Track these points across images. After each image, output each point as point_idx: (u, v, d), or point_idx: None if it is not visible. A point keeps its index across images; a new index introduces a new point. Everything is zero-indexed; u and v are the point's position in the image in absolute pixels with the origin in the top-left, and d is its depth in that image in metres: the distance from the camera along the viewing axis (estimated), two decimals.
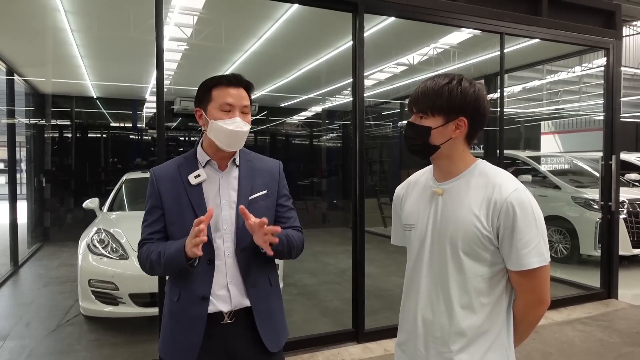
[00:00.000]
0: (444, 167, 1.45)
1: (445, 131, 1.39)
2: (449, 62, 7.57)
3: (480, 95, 1.40)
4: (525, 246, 1.32)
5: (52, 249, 8.06)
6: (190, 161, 1.72)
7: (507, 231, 1.33)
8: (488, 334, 1.40)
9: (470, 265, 1.38)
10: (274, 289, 1.78)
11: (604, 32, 5.10)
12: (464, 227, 1.37)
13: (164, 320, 1.74)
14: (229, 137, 1.63)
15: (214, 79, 1.68)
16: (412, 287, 1.53)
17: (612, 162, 5.08)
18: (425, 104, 1.39)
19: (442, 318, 1.43)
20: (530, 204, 1.34)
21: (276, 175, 1.81)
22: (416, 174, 1.62)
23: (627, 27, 16.09)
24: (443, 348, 1.42)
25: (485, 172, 1.42)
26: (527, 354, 3.79)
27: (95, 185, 11.39)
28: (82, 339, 4.10)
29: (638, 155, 9.46)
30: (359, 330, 3.95)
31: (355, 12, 3.93)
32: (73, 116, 10.73)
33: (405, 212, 1.57)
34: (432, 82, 1.41)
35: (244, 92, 1.69)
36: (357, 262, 3.97)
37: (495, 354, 1.40)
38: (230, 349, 1.67)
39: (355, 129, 3.98)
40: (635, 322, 4.49)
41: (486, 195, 1.36)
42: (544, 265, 1.34)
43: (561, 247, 6.76)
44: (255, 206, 1.69)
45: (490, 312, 1.40)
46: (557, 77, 11.08)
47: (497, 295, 1.40)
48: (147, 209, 1.71)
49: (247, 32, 5.74)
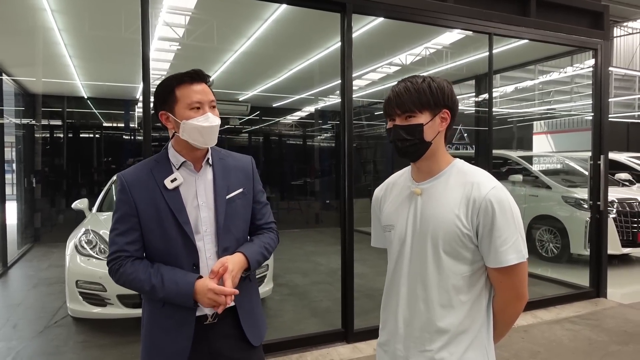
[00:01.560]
0: (425, 167, 1.47)
1: (434, 125, 1.42)
2: (440, 62, 7.59)
3: (452, 89, 1.46)
4: (504, 243, 1.34)
5: (43, 250, 8.00)
6: (162, 164, 1.65)
7: (486, 229, 1.35)
8: (468, 332, 1.41)
9: (451, 265, 1.39)
10: (253, 284, 1.80)
11: (592, 33, 5.13)
12: (444, 226, 1.38)
13: (146, 329, 1.70)
14: (203, 133, 1.59)
15: (175, 78, 1.61)
16: (393, 288, 1.53)
17: (601, 162, 5.11)
18: (412, 102, 1.40)
19: (422, 317, 1.44)
20: (508, 201, 1.37)
21: (249, 172, 1.79)
22: (394, 176, 1.63)
23: (617, 28, 16.20)
24: (423, 347, 1.43)
25: (463, 170, 1.44)
26: (515, 352, 3.81)
27: (87, 185, 11.33)
28: (70, 341, 4.08)
29: (628, 155, 9.53)
30: (348, 330, 3.95)
31: (343, 13, 3.93)
32: (65, 116, 10.67)
33: (384, 214, 1.58)
34: (407, 83, 1.43)
35: (207, 87, 1.64)
36: (346, 262, 3.97)
37: (475, 352, 1.41)
38: (214, 349, 1.66)
39: (344, 130, 3.98)
40: (624, 320, 4.52)
41: (465, 194, 1.38)
42: (522, 261, 1.36)
43: (552, 247, 6.80)
44: (233, 205, 1.68)
45: (469, 310, 1.41)
46: (548, 78, 11.14)
47: (477, 293, 1.42)
48: (118, 217, 1.61)
49: (237, 32, 5.73)
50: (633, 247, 6.65)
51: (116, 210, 1.62)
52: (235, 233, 1.69)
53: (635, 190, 7.39)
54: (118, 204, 1.63)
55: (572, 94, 12.93)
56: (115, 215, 1.63)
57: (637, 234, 6.58)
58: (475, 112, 8.56)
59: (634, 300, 5.16)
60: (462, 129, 8.53)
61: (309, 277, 6.32)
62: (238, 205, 1.70)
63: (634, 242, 6.60)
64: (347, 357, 3.70)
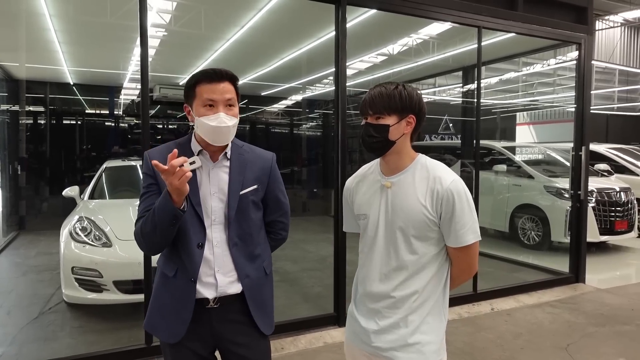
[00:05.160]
0: (392, 163, 1.68)
1: (400, 127, 1.62)
2: (428, 53, 7.69)
3: (421, 98, 1.66)
4: (463, 227, 1.58)
5: (29, 238, 7.94)
6: (184, 148, 1.73)
7: (448, 215, 1.59)
8: (430, 299, 1.65)
9: (421, 246, 1.63)
10: (269, 277, 1.86)
11: (576, 27, 5.29)
12: (413, 214, 1.60)
13: (155, 295, 1.77)
14: (212, 133, 1.65)
15: (196, 76, 1.69)
16: (370, 267, 1.72)
17: (582, 152, 5.30)
18: (382, 106, 1.60)
19: (389, 291, 1.66)
20: (465, 192, 1.61)
21: (268, 168, 1.84)
22: (363, 169, 1.83)
23: (599, 22, 16.51)
24: (392, 313, 1.65)
25: (426, 165, 1.66)
26: (499, 334, 3.99)
27: (72, 172, 11.21)
28: (66, 326, 4.13)
29: (607, 147, 9.82)
30: (340, 314, 4.08)
31: (338, 4, 3.99)
32: (47, 102, 10.51)
33: (356, 204, 1.78)
34: (381, 89, 1.63)
35: (229, 85, 1.68)
36: (339, 248, 4.08)
37: (434, 317, 1.66)
38: (217, 332, 1.73)
39: (337, 118, 4.06)
40: (600, 304, 4.75)
41: (429, 186, 1.61)
42: (477, 240, 1.62)
43: (533, 234, 7.03)
44: (245, 201, 1.75)
45: (431, 279, 1.65)
46: (532, 70, 11.35)
47: (439, 265, 1.66)
48: (145, 188, 1.73)
49: (229, 21, 5.73)
50: (610, 234, 6.93)
51: (143, 183, 1.74)
52: (245, 228, 1.76)
53: (613, 181, 7.66)
54: (144, 177, 1.75)
55: (555, 86, 13.20)
56: (142, 188, 1.74)
57: (615, 222, 6.85)
58: (461, 103, 8.71)
59: (611, 285, 5.41)
60: (447, 119, 8.69)
61: (299, 264, 6.43)
62: (251, 201, 1.77)
63: (611, 230, 6.87)
64: (340, 339, 3.82)
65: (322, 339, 3.85)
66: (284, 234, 1.95)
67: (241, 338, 1.75)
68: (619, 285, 5.40)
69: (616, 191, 7.01)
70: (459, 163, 7.23)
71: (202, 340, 1.73)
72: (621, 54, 17.61)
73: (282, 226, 1.93)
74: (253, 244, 1.79)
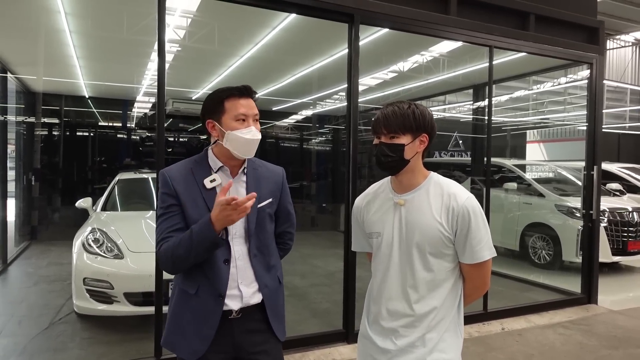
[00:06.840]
0: (406, 181, 1.69)
1: (414, 146, 1.64)
2: (438, 70, 7.74)
3: (432, 116, 1.69)
4: (479, 243, 1.61)
5: (41, 248, 8.02)
6: (202, 165, 1.78)
7: (464, 232, 1.60)
8: (447, 316, 1.66)
9: (436, 263, 1.64)
10: (282, 286, 1.93)
11: (587, 48, 5.31)
12: (429, 231, 1.62)
13: (173, 312, 1.79)
14: (245, 145, 1.72)
15: (225, 91, 1.75)
16: (383, 285, 1.72)
17: (594, 172, 5.27)
18: (397, 125, 1.62)
19: (407, 310, 1.65)
20: (479, 208, 1.63)
21: (280, 182, 1.93)
22: (372, 187, 1.84)
23: (610, 41, 16.53)
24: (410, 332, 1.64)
25: (439, 183, 1.68)
26: (510, 355, 3.94)
27: (84, 184, 11.35)
28: (76, 337, 4.14)
29: (619, 166, 9.75)
30: (349, 330, 4.06)
31: (351, 23, 4.05)
32: (62, 114, 10.70)
33: (368, 222, 1.78)
34: (395, 108, 1.65)
35: (252, 101, 1.78)
36: (349, 264, 4.08)
37: (450, 333, 1.66)
38: (238, 341, 1.77)
39: (349, 134, 4.09)
40: (613, 326, 4.67)
41: (444, 203, 1.62)
42: (492, 257, 1.64)
43: (544, 254, 6.96)
44: (262, 214, 1.81)
45: (447, 296, 1.65)
46: (543, 88, 11.35)
47: (454, 282, 1.67)
48: (164, 209, 1.72)
49: (244, 39, 5.83)
50: (623, 255, 6.83)
51: (161, 204, 1.74)
52: (263, 240, 1.82)
53: (625, 200, 7.58)
54: (162, 197, 1.74)
55: (565, 105, 13.18)
56: (159, 209, 1.74)
57: (627, 242, 6.76)
58: (472, 120, 8.71)
59: (624, 306, 5.32)
60: (457, 137, 8.70)
61: (308, 279, 6.42)
62: (267, 214, 1.84)
63: (623, 251, 6.78)
64: (348, 356, 3.80)
65: (331, 356, 3.83)
66: (291, 243, 2.04)
67: (260, 344, 1.81)
68: (633, 307, 5.31)
69: (629, 211, 6.94)
70: (469, 180, 7.23)
71: (224, 351, 1.76)
72: (633, 73, 17.57)
73: (290, 236, 2.02)
74: (269, 255, 1.85)
